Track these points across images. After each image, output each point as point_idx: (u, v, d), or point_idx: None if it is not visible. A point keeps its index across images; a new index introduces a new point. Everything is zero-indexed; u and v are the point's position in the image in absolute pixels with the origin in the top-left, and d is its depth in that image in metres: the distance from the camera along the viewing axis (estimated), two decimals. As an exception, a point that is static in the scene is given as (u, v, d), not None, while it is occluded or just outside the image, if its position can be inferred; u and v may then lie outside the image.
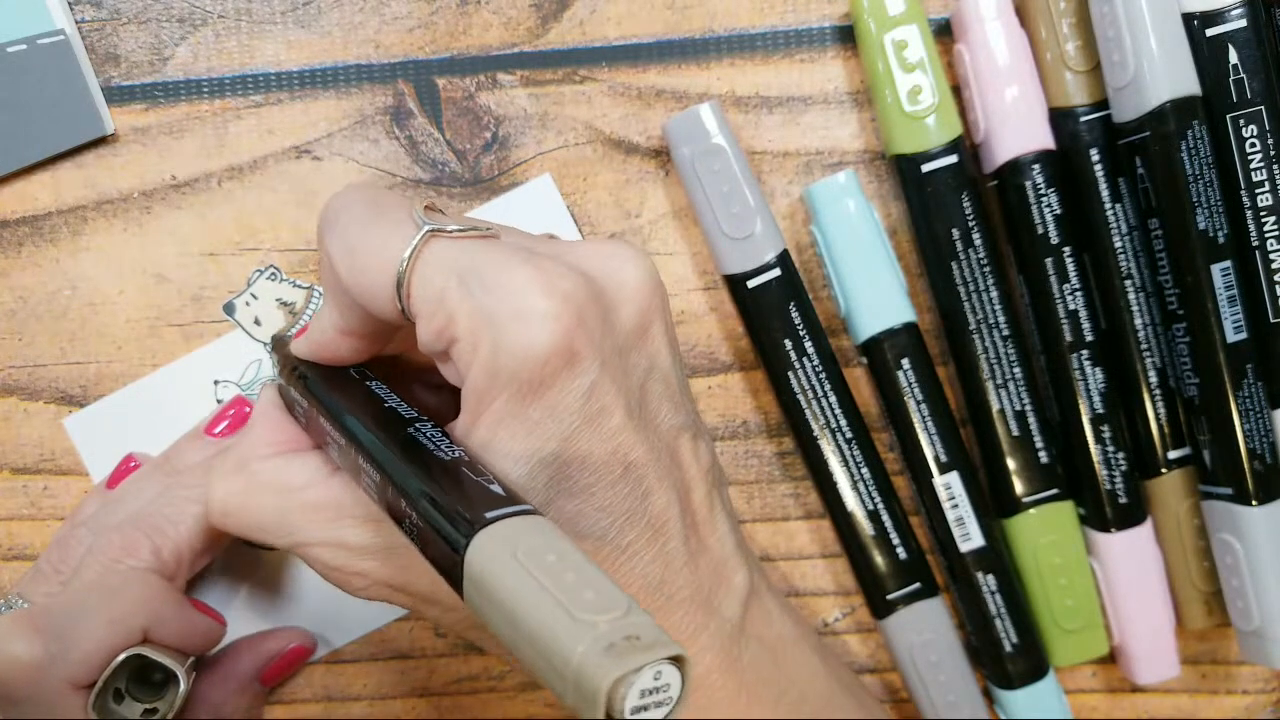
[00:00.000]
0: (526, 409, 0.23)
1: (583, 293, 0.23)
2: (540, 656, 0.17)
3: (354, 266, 0.24)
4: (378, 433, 0.24)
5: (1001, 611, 0.34)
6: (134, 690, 0.30)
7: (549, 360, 0.22)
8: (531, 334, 0.22)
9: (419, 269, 0.23)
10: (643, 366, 0.25)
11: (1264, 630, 0.31)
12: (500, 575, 0.18)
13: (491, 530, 0.19)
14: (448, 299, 0.23)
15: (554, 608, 0.17)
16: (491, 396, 0.23)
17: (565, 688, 0.17)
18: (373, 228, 0.24)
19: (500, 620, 0.18)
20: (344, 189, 0.26)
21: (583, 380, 0.23)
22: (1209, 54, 0.30)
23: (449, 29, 0.34)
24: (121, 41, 0.34)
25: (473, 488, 0.21)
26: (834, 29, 0.34)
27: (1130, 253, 0.32)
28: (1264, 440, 0.31)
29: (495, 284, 0.22)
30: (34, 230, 0.35)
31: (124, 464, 0.34)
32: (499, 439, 0.23)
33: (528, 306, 0.22)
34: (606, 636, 0.16)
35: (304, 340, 0.28)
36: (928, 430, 0.33)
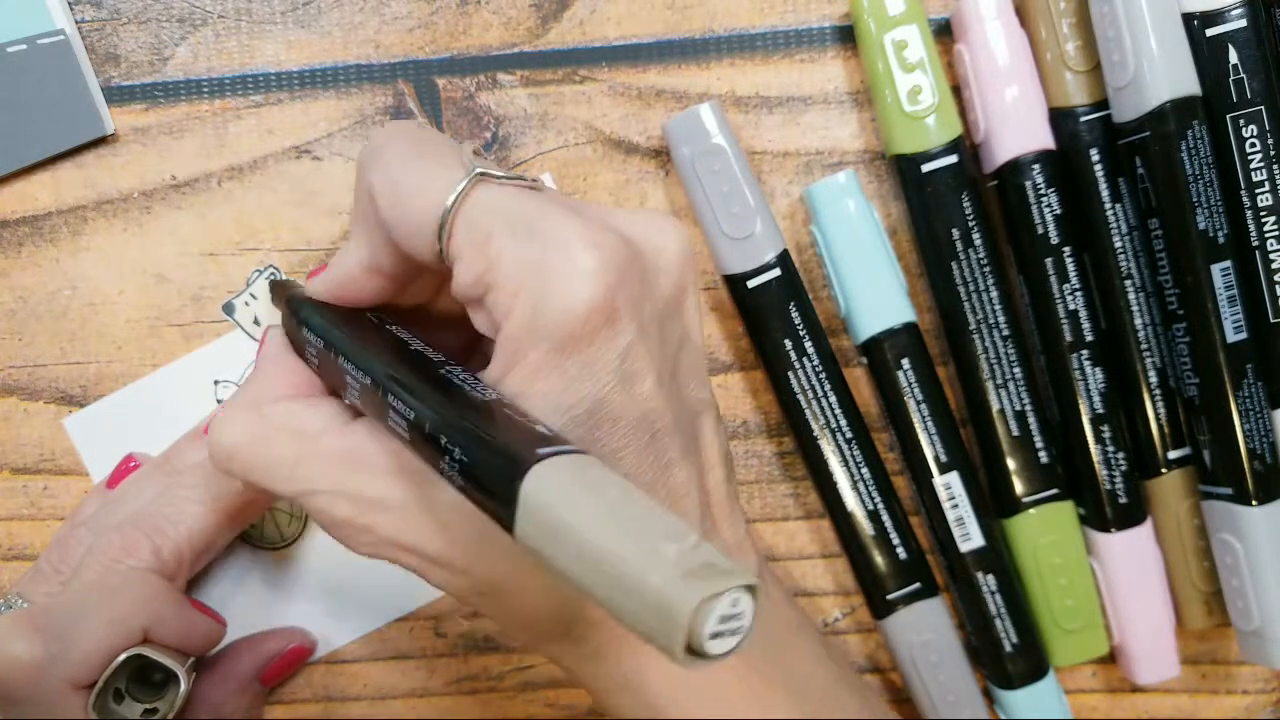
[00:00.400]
0: (563, 363, 0.22)
1: (625, 253, 0.23)
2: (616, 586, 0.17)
3: (397, 201, 0.23)
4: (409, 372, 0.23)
5: (1001, 611, 0.34)
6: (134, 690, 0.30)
7: (590, 316, 0.22)
8: (576, 288, 0.22)
9: (464, 211, 0.23)
10: (677, 336, 0.25)
11: (1264, 630, 0.31)
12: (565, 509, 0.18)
13: (547, 465, 0.18)
14: (491, 244, 0.22)
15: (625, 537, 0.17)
16: (528, 347, 0.22)
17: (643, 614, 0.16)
18: (420, 164, 0.23)
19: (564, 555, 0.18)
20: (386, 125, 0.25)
21: (621, 340, 0.22)
22: (1209, 54, 0.30)
23: (449, 29, 0.34)
24: (121, 41, 0.34)
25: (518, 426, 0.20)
26: (834, 29, 0.34)
27: (1130, 253, 0.32)
28: (1264, 440, 0.31)
29: (542, 234, 0.22)
30: (34, 230, 0.35)
31: (124, 464, 0.34)
32: (533, 391, 0.22)
33: (575, 260, 0.22)
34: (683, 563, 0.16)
35: (323, 279, 0.27)
36: (928, 430, 0.33)
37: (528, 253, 0.22)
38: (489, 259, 0.22)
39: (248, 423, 0.26)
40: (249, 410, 0.26)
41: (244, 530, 0.34)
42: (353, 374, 0.25)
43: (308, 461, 0.25)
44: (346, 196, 0.34)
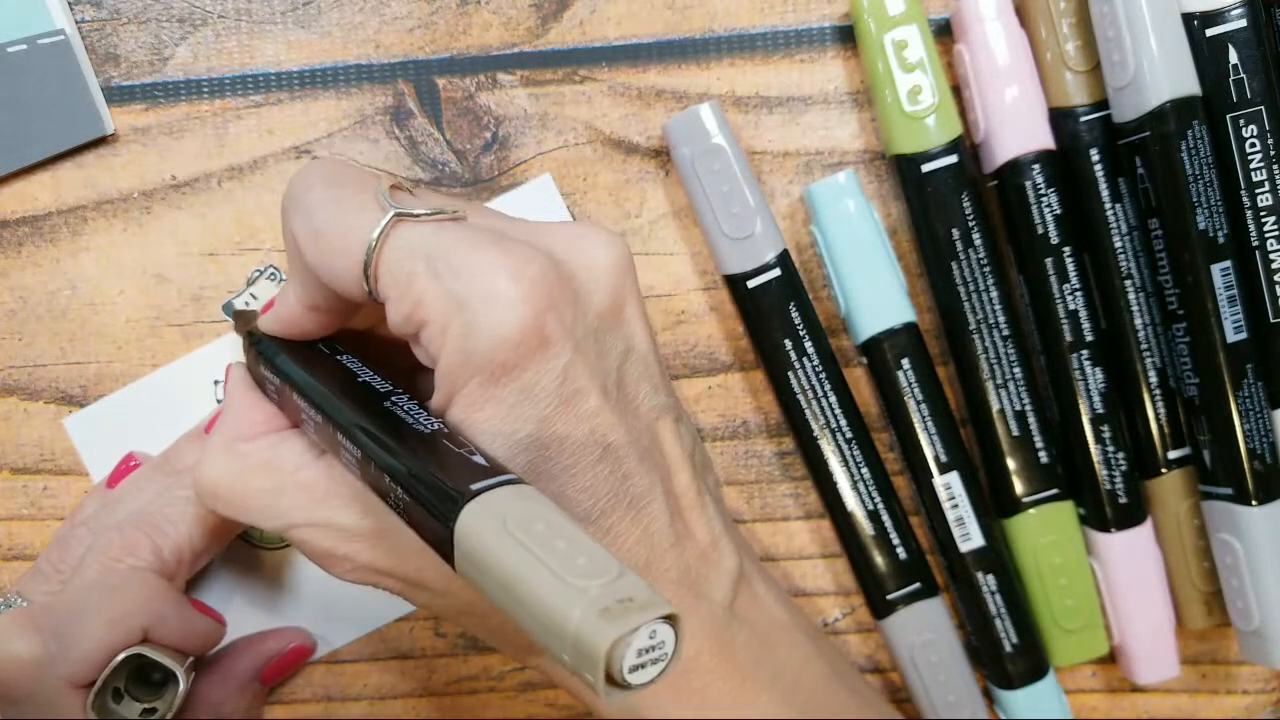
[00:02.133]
0: (500, 391, 0.23)
1: (552, 275, 0.23)
2: (538, 623, 0.17)
3: (319, 248, 0.24)
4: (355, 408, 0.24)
5: (1001, 611, 0.34)
6: (133, 690, 0.30)
7: (520, 343, 0.22)
8: (501, 317, 0.22)
9: (385, 254, 0.23)
10: (619, 348, 0.25)
11: (1264, 630, 0.31)
12: (492, 547, 0.18)
13: (479, 502, 0.19)
14: (415, 283, 0.23)
15: (548, 575, 0.17)
16: (464, 379, 0.23)
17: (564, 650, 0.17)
18: (338, 209, 0.24)
19: (495, 590, 0.18)
20: (307, 165, 0.25)
21: (556, 362, 0.23)
22: (1209, 54, 0.30)
23: (449, 29, 0.34)
24: (121, 41, 0.34)
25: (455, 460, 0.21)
26: (834, 29, 0.34)
27: (1130, 253, 0.32)
28: (1264, 440, 0.31)
29: (463, 268, 0.22)
30: (34, 230, 0.35)
31: (124, 463, 0.34)
32: (474, 420, 0.23)
33: (497, 290, 0.22)
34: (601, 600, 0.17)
35: (270, 316, 0.28)
36: (928, 430, 0.33)
37: (450, 288, 0.22)
38: (415, 298, 0.23)
39: (224, 462, 0.27)
40: (225, 451, 0.27)
41: (244, 530, 0.34)
42: (306, 411, 0.25)
43: (285, 496, 0.26)
44: (346, 196, 0.34)
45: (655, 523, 0.24)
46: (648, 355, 0.26)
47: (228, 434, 0.28)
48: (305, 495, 0.26)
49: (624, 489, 0.24)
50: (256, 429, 0.28)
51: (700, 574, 0.25)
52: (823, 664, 0.29)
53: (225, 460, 0.27)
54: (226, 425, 0.28)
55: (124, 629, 0.29)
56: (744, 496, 0.36)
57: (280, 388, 0.27)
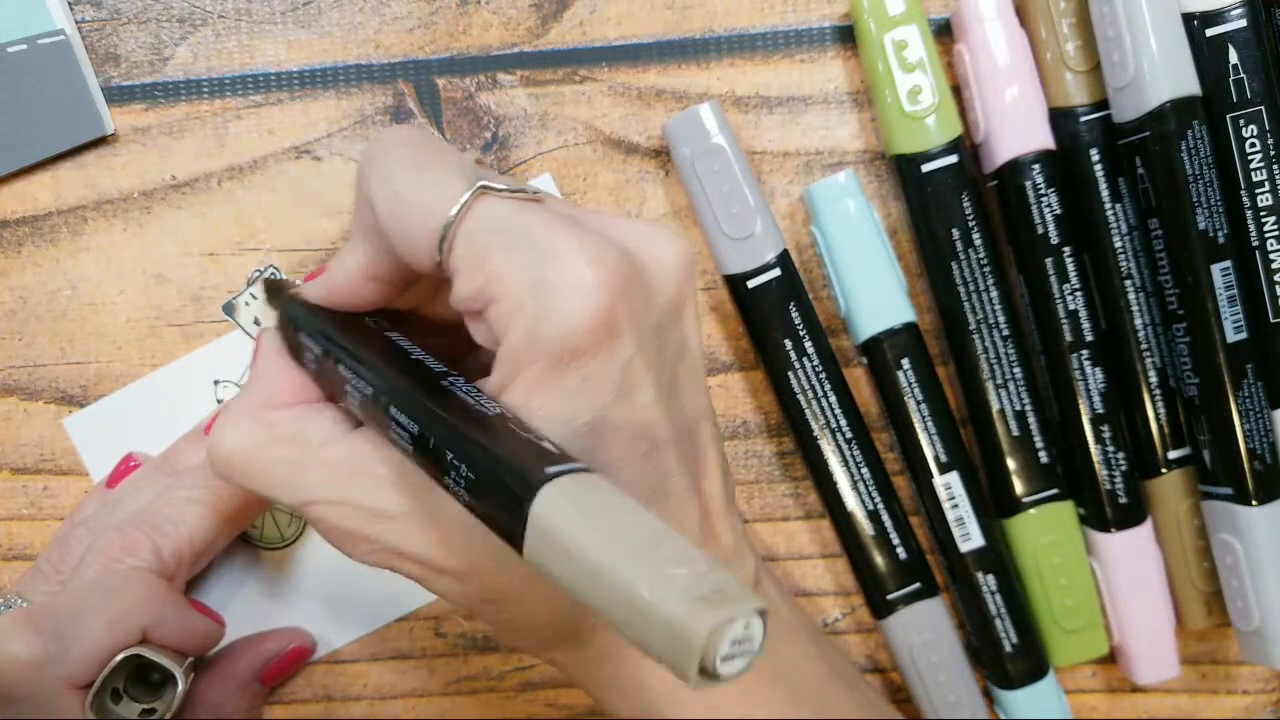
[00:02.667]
0: (564, 377, 0.22)
1: (627, 267, 0.23)
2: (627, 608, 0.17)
3: (398, 212, 0.23)
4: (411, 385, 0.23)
5: (1001, 611, 0.34)
6: (132, 690, 0.30)
7: (591, 330, 0.22)
8: (578, 302, 0.22)
9: (467, 224, 0.23)
10: (675, 346, 0.25)
11: (1264, 630, 0.31)
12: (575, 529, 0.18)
13: (556, 485, 0.18)
14: (493, 258, 0.22)
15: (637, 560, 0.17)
16: (529, 361, 0.22)
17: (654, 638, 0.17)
18: (421, 174, 0.23)
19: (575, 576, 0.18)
20: (387, 129, 0.25)
21: (622, 354, 0.23)
22: (1209, 54, 0.30)
23: (449, 29, 0.34)
24: (121, 41, 0.34)
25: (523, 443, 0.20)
26: (834, 29, 0.34)
27: (1130, 253, 0.32)
28: (1264, 440, 0.31)
29: (544, 248, 0.22)
30: (34, 230, 0.35)
31: (124, 463, 0.34)
32: (533, 404, 0.22)
33: (576, 275, 0.22)
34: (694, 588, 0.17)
35: (321, 283, 0.27)
36: (928, 430, 0.33)
37: (528, 268, 0.22)
38: (489, 274, 0.22)
39: (247, 430, 0.26)
40: (248, 417, 0.26)
41: (244, 530, 0.34)
42: (354, 383, 0.24)
43: (310, 470, 0.25)
44: (347, 196, 0.34)
45: (686, 523, 0.24)
46: (698, 356, 0.26)
47: (254, 400, 0.26)
48: (332, 471, 0.25)
49: (664, 487, 0.24)
50: (286, 397, 0.26)
51: None
52: (823, 663, 0.29)
53: (248, 427, 0.26)
54: (254, 391, 0.27)
55: (123, 629, 0.29)
56: (744, 496, 0.36)
57: (322, 357, 0.26)
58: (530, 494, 0.18)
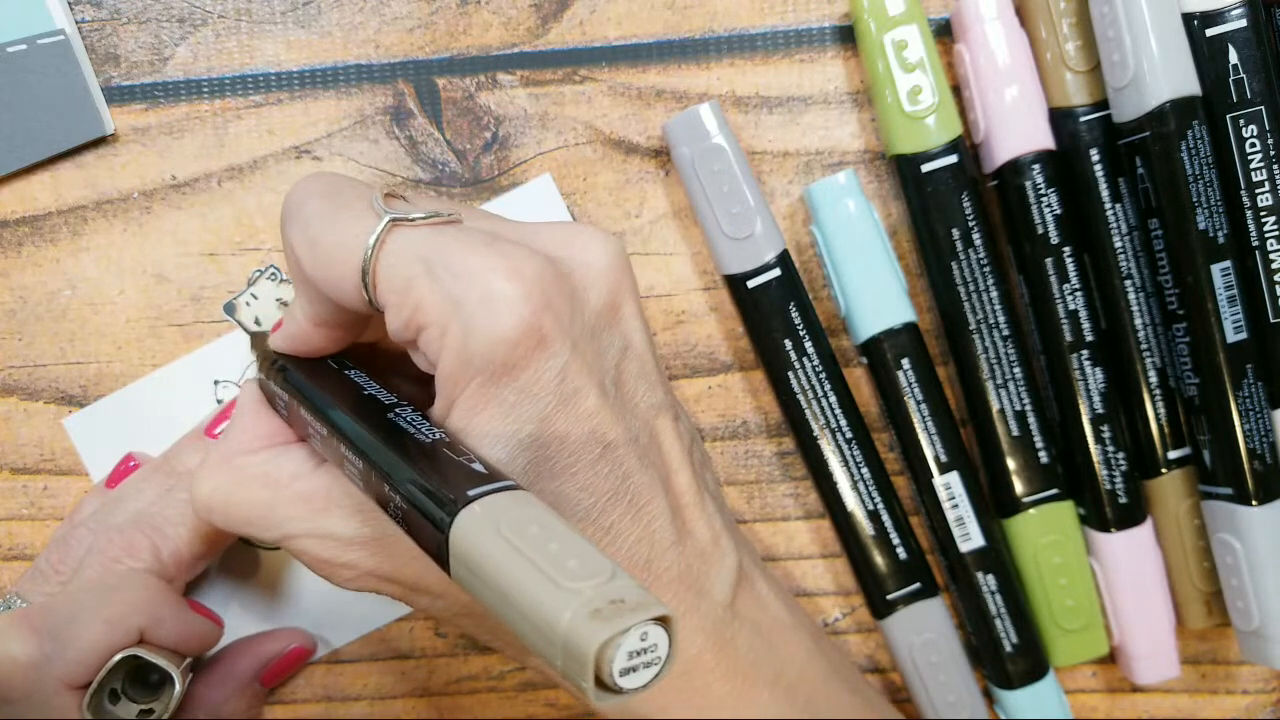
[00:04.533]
0: (499, 392, 0.23)
1: (549, 274, 0.23)
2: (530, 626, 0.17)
3: (318, 259, 0.24)
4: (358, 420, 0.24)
5: (1001, 611, 0.34)
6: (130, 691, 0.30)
7: (519, 343, 0.22)
8: (499, 318, 0.22)
9: (383, 259, 0.23)
10: (616, 347, 0.25)
11: (1264, 630, 0.31)
12: (485, 551, 0.18)
13: (474, 507, 0.19)
14: (413, 288, 0.23)
15: (539, 578, 0.17)
16: (464, 381, 0.23)
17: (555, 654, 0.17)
18: (334, 219, 0.24)
19: (489, 595, 0.18)
20: (303, 179, 0.26)
21: (554, 362, 0.23)
22: (1209, 54, 0.30)
23: (449, 29, 0.34)
24: (121, 41, 0.34)
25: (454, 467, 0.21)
26: (834, 29, 0.34)
27: (1130, 253, 0.32)
28: (1264, 440, 0.31)
29: (460, 270, 0.23)
30: (34, 230, 0.35)
31: (124, 463, 0.34)
32: (475, 423, 0.23)
33: (493, 291, 0.22)
34: (592, 601, 0.17)
35: (280, 334, 0.28)
36: (928, 430, 0.33)
37: (448, 290, 0.22)
38: (413, 302, 0.23)
39: (221, 476, 0.27)
40: (223, 464, 0.27)
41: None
42: (312, 425, 0.26)
43: (283, 507, 0.26)
44: (346, 196, 0.34)
45: (655, 521, 0.25)
46: (645, 353, 0.26)
47: (228, 448, 0.28)
48: (303, 505, 0.26)
49: (624, 487, 0.24)
50: (258, 443, 0.28)
51: (700, 572, 0.25)
52: (824, 662, 0.29)
53: (221, 473, 0.27)
54: (228, 440, 0.28)
55: (121, 630, 0.29)
56: (744, 496, 0.36)
57: (289, 403, 0.27)
58: (450, 517, 0.19)
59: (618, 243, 0.26)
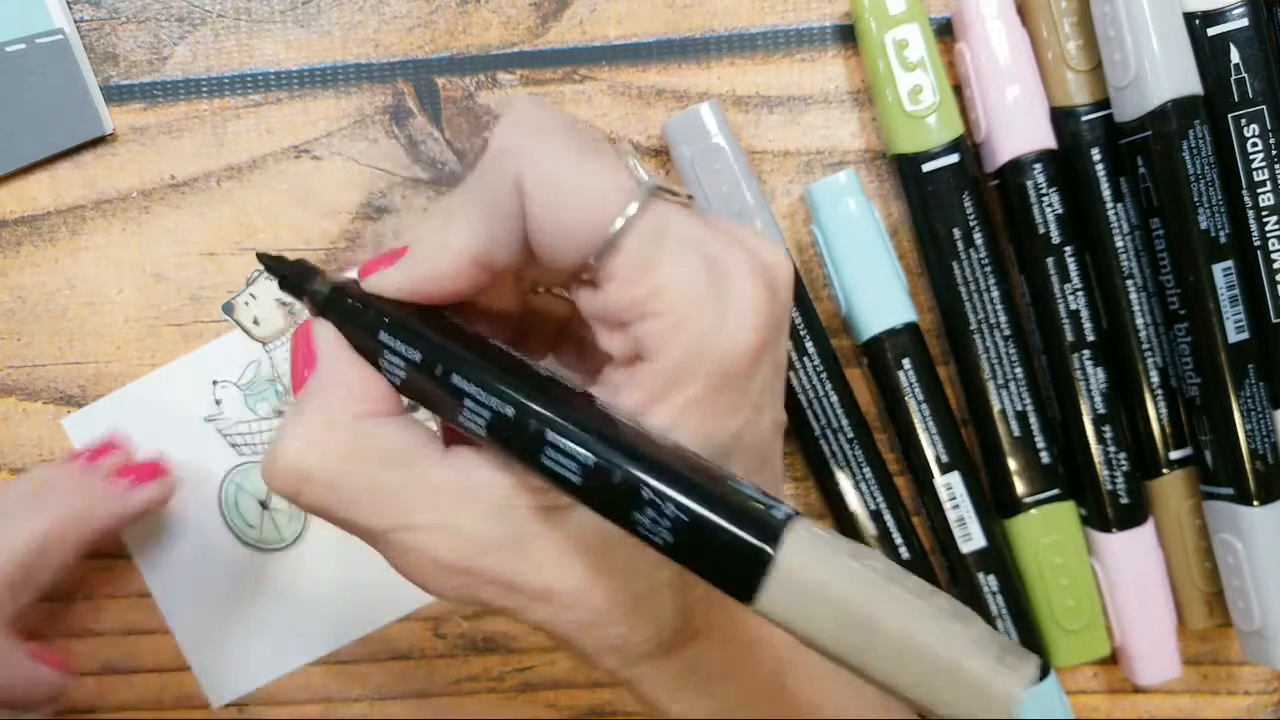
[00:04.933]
0: (719, 398, 0.21)
1: (777, 284, 0.22)
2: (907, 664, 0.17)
3: (555, 203, 0.21)
4: (564, 406, 0.21)
5: (1003, 612, 0.34)
6: None
7: (757, 353, 0.21)
8: (750, 325, 0.21)
9: (640, 230, 0.21)
10: (783, 359, 0.24)
11: (1265, 630, 0.31)
12: (841, 581, 0.17)
13: (797, 530, 0.18)
14: (659, 270, 0.21)
15: (923, 615, 0.17)
16: (689, 381, 0.21)
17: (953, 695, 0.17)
18: (586, 167, 0.21)
19: (832, 625, 0.17)
20: (529, 101, 0.22)
21: (765, 371, 0.22)
22: (1210, 53, 0.30)
23: (449, 28, 0.34)
24: (120, 41, 0.34)
25: (722, 479, 0.19)
26: (834, 28, 0.34)
27: (1131, 252, 0.32)
28: (1265, 440, 0.31)
29: (717, 264, 0.21)
30: (33, 230, 0.34)
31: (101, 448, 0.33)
32: (683, 425, 0.21)
33: (750, 296, 0.21)
34: (990, 645, 0.17)
35: (402, 270, 0.23)
36: (929, 430, 0.33)
37: (700, 282, 0.21)
38: (654, 285, 0.21)
39: (329, 442, 0.22)
40: (330, 426, 0.22)
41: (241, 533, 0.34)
42: (482, 399, 0.21)
43: (410, 494, 0.22)
44: (346, 196, 0.34)
45: None
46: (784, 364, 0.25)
47: (324, 407, 0.22)
48: (435, 495, 0.22)
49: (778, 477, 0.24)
50: (369, 406, 0.23)
51: None
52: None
53: (330, 435, 0.22)
54: (327, 395, 0.23)
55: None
56: (744, 497, 0.36)
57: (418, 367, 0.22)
58: (773, 543, 0.18)
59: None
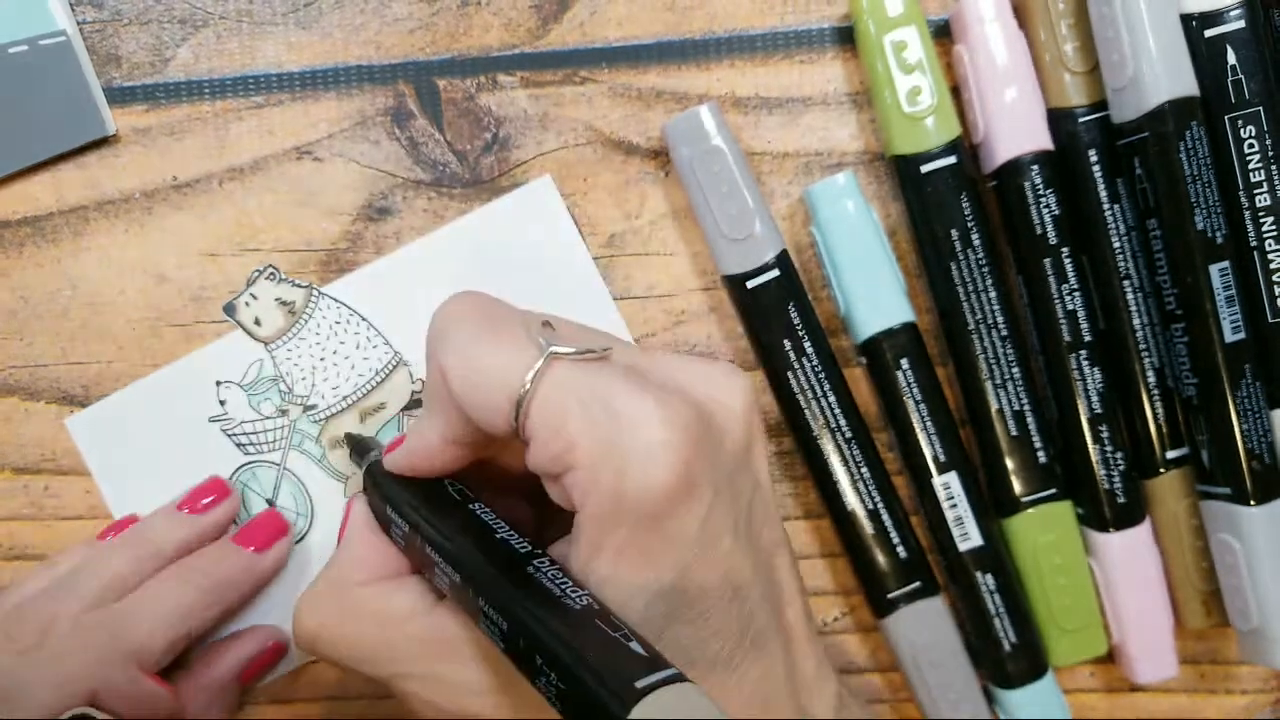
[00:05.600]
0: (647, 541, 0.23)
1: (700, 422, 0.23)
2: None
3: (470, 384, 0.24)
4: (498, 575, 0.23)
5: (1000, 611, 0.34)
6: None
7: (673, 493, 0.22)
8: (657, 467, 0.22)
9: (541, 393, 0.23)
10: (749, 487, 0.25)
11: (1262, 630, 0.31)
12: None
13: (647, 705, 0.19)
14: (569, 426, 0.23)
15: None
16: (614, 527, 0.23)
17: None
18: (490, 345, 0.24)
19: None
20: (454, 298, 0.25)
21: (699, 509, 0.23)
22: (1207, 55, 0.30)
23: (449, 30, 0.34)
24: (123, 42, 0.34)
25: (614, 647, 0.20)
26: (833, 30, 0.34)
27: (1129, 253, 0.32)
28: (1262, 440, 0.31)
29: (618, 414, 0.22)
30: (35, 231, 0.35)
31: (123, 523, 0.34)
32: (621, 572, 0.23)
33: (654, 439, 0.22)
34: None
35: (402, 454, 0.27)
36: (927, 430, 0.33)
37: (604, 434, 0.22)
38: (565, 441, 0.23)
39: (330, 608, 0.27)
40: (335, 593, 0.27)
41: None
42: (440, 567, 0.25)
43: (397, 646, 0.26)
44: (347, 197, 0.34)
45: (773, 659, 0.25)
46: (769, 491, 0.26)
47: (339, 575, 0.27)
48: (420, 646, 0.26)
49: (749, 628, 0.24)
50: (370, 573, 0.27)
51: (809, 704, 0.26)
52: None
53: (330, 605, 0.27)
54: (340, 566, 0.27)
55: (69, 692, 0.28)
56: (744, 496, 0.36)
57: (409, 534, 0.26)
58: (620, 715, 0.19)
59: (749, 381, 0.26)
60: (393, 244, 0.35)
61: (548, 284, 0.35)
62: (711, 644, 0.23)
